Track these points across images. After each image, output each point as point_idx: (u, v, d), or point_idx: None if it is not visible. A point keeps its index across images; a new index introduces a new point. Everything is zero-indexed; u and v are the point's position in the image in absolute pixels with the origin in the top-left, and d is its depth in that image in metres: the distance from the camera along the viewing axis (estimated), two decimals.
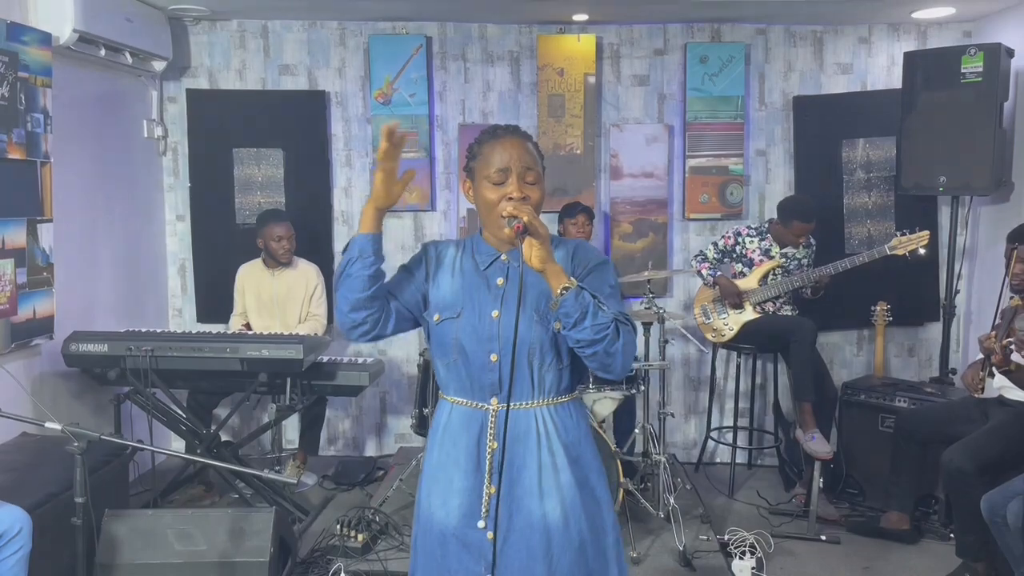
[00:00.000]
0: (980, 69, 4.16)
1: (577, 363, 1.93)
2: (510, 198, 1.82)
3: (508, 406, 1.87)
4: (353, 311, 1.86)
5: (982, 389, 3.54)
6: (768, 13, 4.70)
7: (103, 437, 2.37)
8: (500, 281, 1.91)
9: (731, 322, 4.46)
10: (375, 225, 1.84)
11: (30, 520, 2.67)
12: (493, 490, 1.86)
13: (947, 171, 4.32)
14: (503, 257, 1.92)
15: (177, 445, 4.67)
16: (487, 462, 1.88)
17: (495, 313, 1.88)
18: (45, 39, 3.64)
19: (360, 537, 3.61)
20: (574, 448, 1.91)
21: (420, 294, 1.96)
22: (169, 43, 4.69)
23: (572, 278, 1.76)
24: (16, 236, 3.52)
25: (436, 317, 1.92)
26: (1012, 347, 3.20)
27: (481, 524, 1.87)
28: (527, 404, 1.90)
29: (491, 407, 1.89)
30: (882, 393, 4.34)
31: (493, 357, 1.87)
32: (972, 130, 4.22)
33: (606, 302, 1.79)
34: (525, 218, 1.73)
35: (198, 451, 3.96)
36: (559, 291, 1.73)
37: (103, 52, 4.07)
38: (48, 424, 2.37)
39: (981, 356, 3.56)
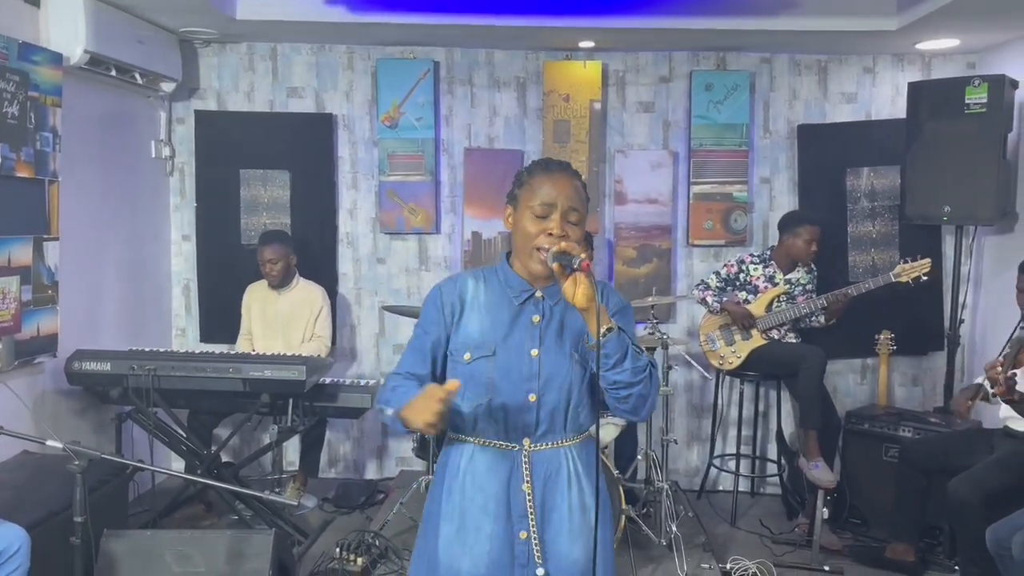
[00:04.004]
0: (984, 100, 4.18)
1: (595, 402, 1.90)
2: (550, 234, 1.79)
3: (540, 447, 1.86)
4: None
5: (968, 415, 3.56)
6: (773, 42, 4.73)
7: (104, 456, 2.38)
8: (536, 319, 1.87)
9: (738, 349, 4.44)
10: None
11: (29, 539, 2.65)
12: (525, 535, 1.83)
13: (951, 201, 4.32)
14: (538, 294, 1.88)
15: (177, 465, 4.66)
16: (522, 506, 1.84)
17: (534, 352, 1.84)
18: (56, 59, 3.67)
19: (359, 561, 3.58)
20: (594, 486, 1.88)
21: (444, 345, 1.92)
22: (179, 65, 4.73)
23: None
24: (22, 254, 3.54)
25: (467, 356, 1.86)
26: (1016, 378, 3.18)
27: (541, 572, 1.83)
28: (556, 443, 1.87)
29: (524, 448, 1.86)
30: (886, 422, 4.33)
31: (532, 397, 1.84)
32: (976, 161, 4.23)
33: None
34: (583, 256, 1.69)
35: (198, 471, 3.95)
36: (603, 332, 1.69)
37: (113, 73, 4.10)
38: (50, 442, 2.38)
39: (976, 382, 3.57)
